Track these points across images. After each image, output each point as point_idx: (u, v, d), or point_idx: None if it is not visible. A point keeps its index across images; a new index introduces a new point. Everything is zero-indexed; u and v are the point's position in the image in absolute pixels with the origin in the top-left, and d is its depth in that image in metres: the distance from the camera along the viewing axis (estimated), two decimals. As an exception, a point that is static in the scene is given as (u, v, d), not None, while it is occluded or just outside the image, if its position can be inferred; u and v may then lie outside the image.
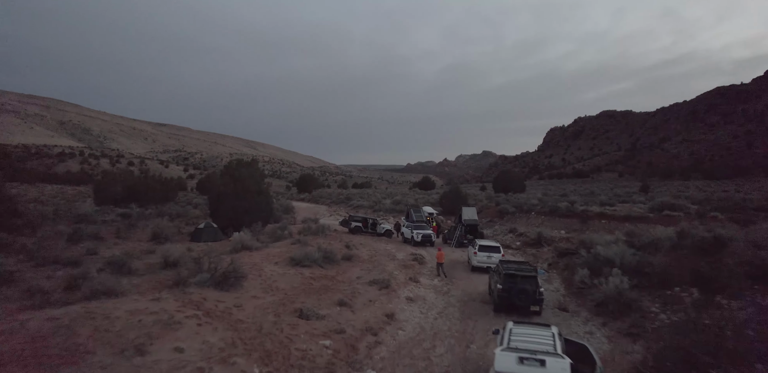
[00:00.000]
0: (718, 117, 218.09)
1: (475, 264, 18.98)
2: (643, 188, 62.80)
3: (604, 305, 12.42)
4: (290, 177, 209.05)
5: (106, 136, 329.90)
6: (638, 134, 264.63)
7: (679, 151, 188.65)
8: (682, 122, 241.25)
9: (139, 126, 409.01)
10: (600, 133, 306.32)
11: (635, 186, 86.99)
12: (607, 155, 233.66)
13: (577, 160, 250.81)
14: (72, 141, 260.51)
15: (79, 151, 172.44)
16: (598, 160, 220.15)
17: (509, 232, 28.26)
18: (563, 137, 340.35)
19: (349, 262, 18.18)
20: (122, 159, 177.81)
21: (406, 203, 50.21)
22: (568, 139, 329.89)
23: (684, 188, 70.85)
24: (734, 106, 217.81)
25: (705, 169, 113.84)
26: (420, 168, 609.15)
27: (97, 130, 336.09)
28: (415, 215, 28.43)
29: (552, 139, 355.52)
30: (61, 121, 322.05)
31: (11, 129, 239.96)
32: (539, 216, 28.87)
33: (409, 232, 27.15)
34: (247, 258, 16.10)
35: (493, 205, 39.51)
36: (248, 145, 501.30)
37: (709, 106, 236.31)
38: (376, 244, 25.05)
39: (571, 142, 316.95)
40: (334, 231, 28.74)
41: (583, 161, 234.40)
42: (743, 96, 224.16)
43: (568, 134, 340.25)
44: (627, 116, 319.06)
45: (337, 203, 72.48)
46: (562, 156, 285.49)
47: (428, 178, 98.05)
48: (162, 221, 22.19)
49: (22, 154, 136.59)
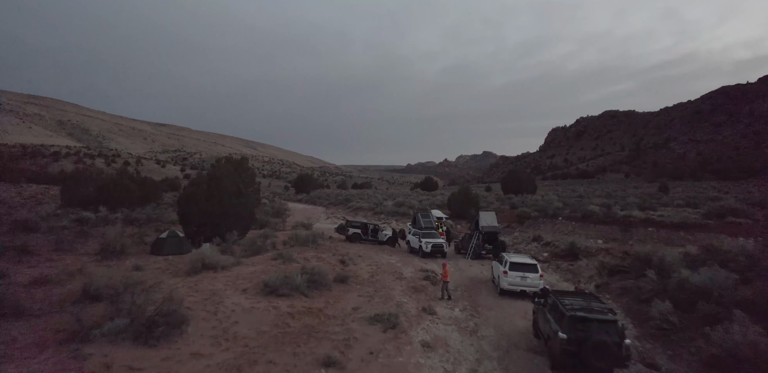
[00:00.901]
0: (724, 117, 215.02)
1: (505, 287, 14.86)
2: (662, 188, 58.78)
3: (720, 361, 8.33)
4: (290, 177, 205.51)
5: (105, 136, 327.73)
6: (641, 134, 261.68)
7: (685, 151, 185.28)
8: (687, 122, 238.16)
9: (139, 126, 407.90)
10: (603, 134, 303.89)
11: (647, 186, 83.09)
12: (610, 156, 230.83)
13: (579, 161, 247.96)
14: (71, 141, 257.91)
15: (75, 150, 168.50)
16: (602, 161, 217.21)
17: (533, 240, 24.14)
18: (565, 137, 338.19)
19: (344, 285, 14.05)
20: (118, 158, 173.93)
21: (410, 205, 46.08)
22: (570, 140, 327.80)
23: (702, 188, 66.81)
24: (740, 105, 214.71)
25: (717, 170, 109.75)
26: (420, 168, 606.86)
27: (96, 130, 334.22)
28: (423, 220, 24.29)
29: (554, 139, 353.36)
30: (60, 120, 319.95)
31: (9, 129, 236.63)
32: (568, 222, 24.74)
33: (416, 240, 23.09)
34: (207, 283, 12.00)
35: (507, 207, 35.40)
36: (248, 145, 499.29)
37: (714, 105, 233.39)
38: (377, 256, 20.96)
39: (574, 143, 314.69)
40: (328, 239, 24.71)
41: (587, 162, 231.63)
42: (749, 96, 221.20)
43: (570, 134, 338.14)
44: (630, 116, 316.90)
45: (335, 204, 68.57)
46: (564, 156, 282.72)
47: (431, 178, 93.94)
48: (114, 229, 18.11)
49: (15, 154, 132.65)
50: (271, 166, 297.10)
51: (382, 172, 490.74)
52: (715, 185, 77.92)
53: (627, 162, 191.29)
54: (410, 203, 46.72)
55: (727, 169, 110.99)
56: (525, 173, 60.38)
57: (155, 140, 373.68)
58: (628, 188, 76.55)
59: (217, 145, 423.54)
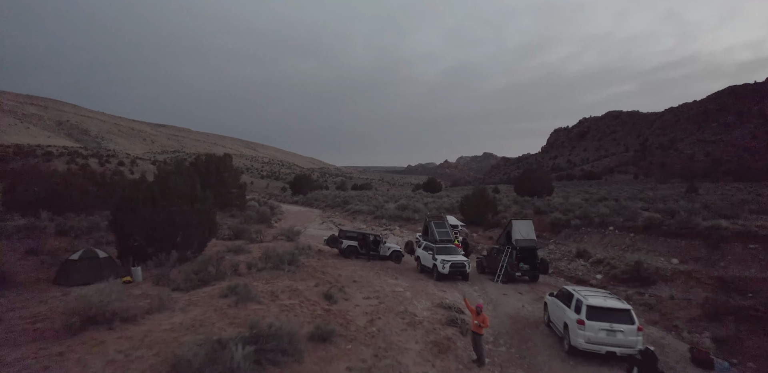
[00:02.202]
0: (732, 117, 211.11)
1: (581, 345, 9.42)
2: (690, 189, 53.56)
3: None
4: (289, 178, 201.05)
5: (104, 136, 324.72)
6: (646, 135, 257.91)
7: (694, 152, 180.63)
8: (694, 122, 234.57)
9: (138, 127, 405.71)
10: (606, 134, 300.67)
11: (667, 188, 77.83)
12: (615, 156, 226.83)
13: (582, 162, 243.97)
14: (69, 141, 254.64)
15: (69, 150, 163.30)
16: (607, 162, 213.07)
17: (576, 256, 18.82)
18: (568, 138, 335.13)
19: (326, 347, 8.66)
20: (113, 159, 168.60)
21: (415, 208, 40.70)
22: (573, 141, 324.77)
23: (730, 191, 61.51)
24: (748, 105, 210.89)
25: (731, 171, 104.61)
26: (421, 170, 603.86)
27: (95, 130, 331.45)
28: (438, 230, 18.85)
29: (556, 140, 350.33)
30: (58, 121, 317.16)
31: (7, 129, 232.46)
32: (624, 233, 19.34)
33: (428, 257, 17.78)
34: (74, 362, 6.63)
35: (531, 212, 30.06)
36: (248, 146, 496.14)
37: (721, 105, 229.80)
38: (378, 279, 15.60)
39: (576, 144, 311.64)
40: (316, 254, 19.42)
41: (591, 163, 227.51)
42: (757, 95, 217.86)
43: (572, 135, 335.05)
44: (634, 117, 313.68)
45: (332, 206, 63.32)
46: (567, 157, 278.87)
47: (434, 179, 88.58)
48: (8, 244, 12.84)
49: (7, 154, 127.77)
50: (270, 167, 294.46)
51: (382, 174, 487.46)
52: (739, 187, 72.57)
53: (633, 163, 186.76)
54: (415, 206, 41.37)
55: (743, 170, 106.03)
56: (541, 173, 54.96)
57: (155, 141, 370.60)
58: (645, 190, 71.24)
59: (217, 146, 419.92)
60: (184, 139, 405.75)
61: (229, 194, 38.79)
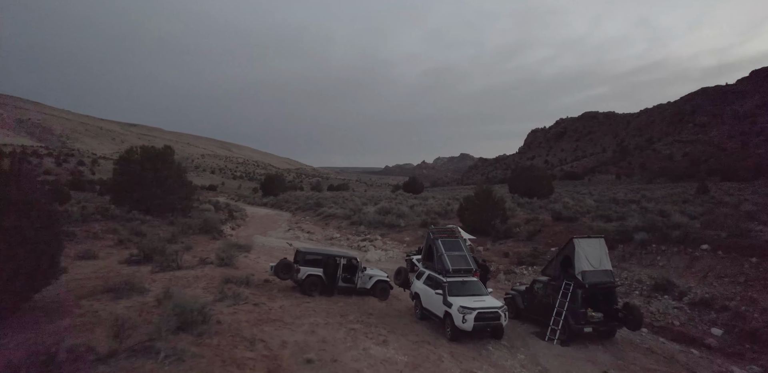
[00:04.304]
0: (707, 117, 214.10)
1: None
2: (701, 189, 48.57)
3: None
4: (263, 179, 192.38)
5: (70, 135, 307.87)
6: (623, 136, 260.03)
7: (672, 151, 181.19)
8: (669, 123, 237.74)
9: (107, 126, 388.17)
10: (583, 135, 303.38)
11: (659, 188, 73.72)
12: (594, 157, 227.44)
13: (560, 162, 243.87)
14: (30, 141, 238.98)
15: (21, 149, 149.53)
16: (586, 162, 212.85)
17: (654, 289, 12.34)
18: (545, 139, 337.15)
19: None
20: (71, 158, 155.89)
21: (399, 212, 33.78)
22: (550, 141, 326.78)
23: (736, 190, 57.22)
24: (721, 106, 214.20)
25: (714, 170, 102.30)
26: (398, 170, 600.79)
27: (59, 129, 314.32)
28: (449, 254, 11.59)
29: (534, 140, 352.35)
30: (19, 119, 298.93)
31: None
32: (738, 257, 12.64)
33: (434, 297, 10.95)
34: None
35: (549, 219, 23.61)
36: (222, 146, 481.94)
37: (694, 107, 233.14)
38: (353, 350, 8.70)
39: (554, 144, 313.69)
40: (258, 286, 12.45)
41: (570, 163, 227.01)
42: (729, 97, 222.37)
43: (550, 136, 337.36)
44: (610, 117, 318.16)
45: (303, 209, 56.11)
46: (544, 158, 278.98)
47: (416, 179, 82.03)
48: None
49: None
50: (245, 168, 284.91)
51: (360, 174, 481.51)
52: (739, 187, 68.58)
53: (613, 163, 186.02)
54: (399, 210, 34.49)
55: (728, 169, 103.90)
56: (539, 171, 48.99)
57: (125, 141, 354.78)
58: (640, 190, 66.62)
59: (191, 146, 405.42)
60: (155, 139, 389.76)
61: (170, 196, 31.17)
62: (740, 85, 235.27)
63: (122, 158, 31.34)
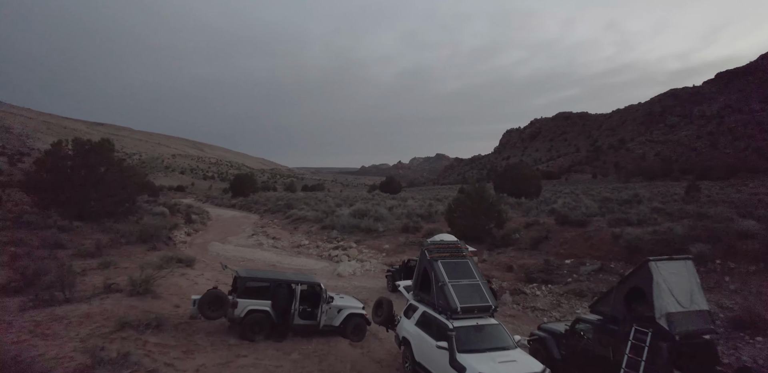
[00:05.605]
0: (676, 118, 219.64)
1: None
2: (690, 188, 46.72)
3: None
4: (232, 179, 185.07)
5: (30, 134, 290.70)
6: (596, 136, 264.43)
7: (644, 151, 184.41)
8: (640, 123, 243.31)
9: (72, 125, 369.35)
10: (557, 135, 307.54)
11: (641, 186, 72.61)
12: (568, 156, 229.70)
13: (535, 162, 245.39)
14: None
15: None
16: (561, 161, 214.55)
17: (735, 328, 8.85)
18: (520, 139, 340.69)
19: None
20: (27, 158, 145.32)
21: (377, 214, 29.91)
22: (525, 141, 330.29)
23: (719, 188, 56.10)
24: (689, 107, 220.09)
25: (698, 169, 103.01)
26: (374, 171, 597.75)
27: (19, 128, 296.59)
28: (453, 284, 7.69)
29: (509, 140, 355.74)
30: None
31: None
32: None
33: (431, 347, 7.20)
34: None
35: (552, 221, 20.25)
36: (194, 146, 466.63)
37: (664, 108, 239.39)
38: None
39: (529, 144, 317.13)
40: (182, 324, 8.45)
41: (546, 162, 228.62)
42: (696, 98, 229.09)
43: (525, 136, 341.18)
44: (583, 118, 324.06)
45: (273, 211, 51.74)
46: (519, 158, 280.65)
47: (393, 178, 78.44)
48: None
49: None
50: (217, 168, 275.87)
51: (335, 175, 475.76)
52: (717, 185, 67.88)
53: (587, 163, 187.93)
54: (377, 212, 30.64)
55: (703, 168, 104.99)
56: (527, 169, 46.05)
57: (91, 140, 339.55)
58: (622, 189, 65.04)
59: (161, 146, 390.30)
60: (124, 139, 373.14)
61: (108, 199, 26.39)
62: (706, 87, 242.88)
63: (48, 153, 26.32)
